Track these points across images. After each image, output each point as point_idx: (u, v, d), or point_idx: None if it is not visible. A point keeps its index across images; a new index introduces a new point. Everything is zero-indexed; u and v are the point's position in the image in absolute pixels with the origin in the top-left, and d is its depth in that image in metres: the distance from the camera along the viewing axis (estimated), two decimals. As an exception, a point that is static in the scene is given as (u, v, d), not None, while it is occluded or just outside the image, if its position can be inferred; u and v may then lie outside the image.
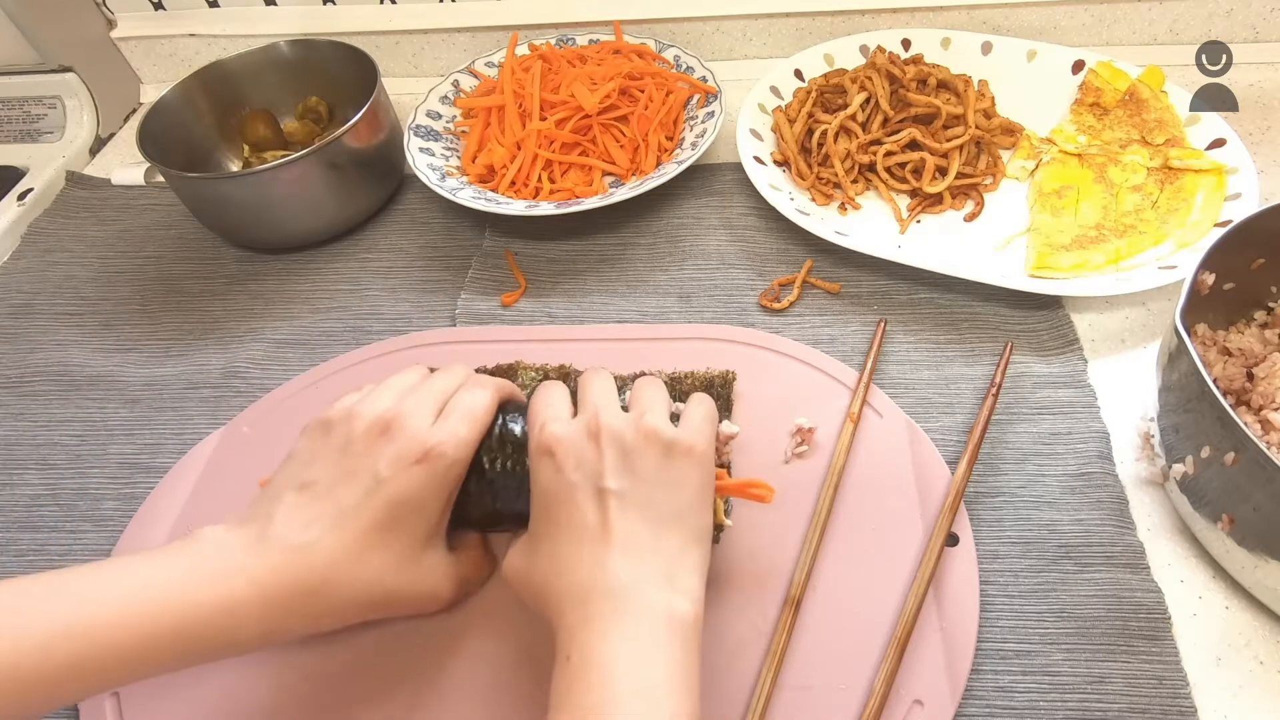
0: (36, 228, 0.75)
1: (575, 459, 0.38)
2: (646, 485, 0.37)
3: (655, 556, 0.36)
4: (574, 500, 0.37)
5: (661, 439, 0.38)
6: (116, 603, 0.33)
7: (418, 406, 0.41)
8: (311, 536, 0.37)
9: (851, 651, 0.42)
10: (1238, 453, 0.39)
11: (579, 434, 0.39)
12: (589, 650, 0.34)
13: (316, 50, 0.75)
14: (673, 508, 0.38)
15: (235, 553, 0.36)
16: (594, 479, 0.37)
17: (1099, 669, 0.42)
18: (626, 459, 0.38)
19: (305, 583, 0.36)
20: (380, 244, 0.70)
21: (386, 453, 0.39)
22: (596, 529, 0.37)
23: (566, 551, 0.37)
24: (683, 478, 0.38)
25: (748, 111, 0.71)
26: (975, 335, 0.58)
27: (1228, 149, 0.64)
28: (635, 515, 0.37)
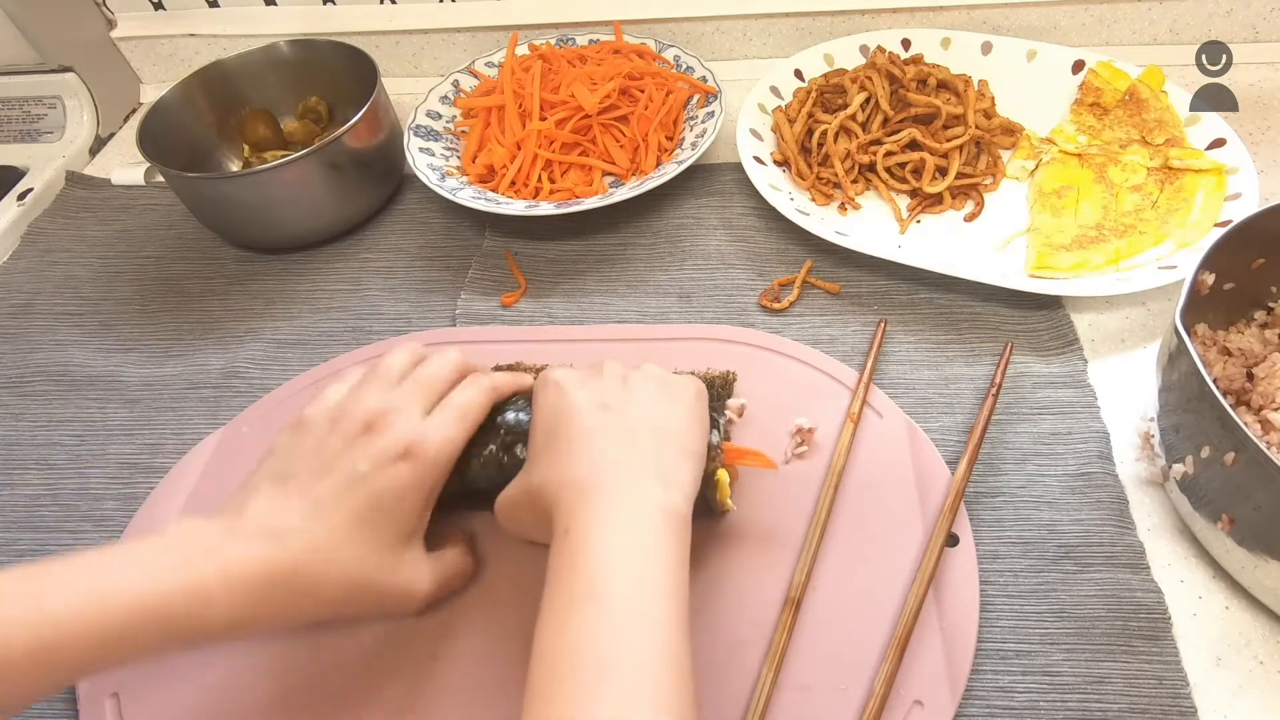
0: (36, 228, 0.75)
1: (579, 383, 0.41)
2: (644, 405, 0.41)
3: (651, 457, 0.39)
4: (576, 411, 0.40)
5: (659, 377, 0.43)
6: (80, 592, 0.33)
7: (405, 402, 0.41)
8: (284, 526, 0.37)
9: (851, 651, 0.42)
10: (1238, 453, 0.39)
11: (583, 372, 0.43)
12: (586, 527, 0.36)
13: (316, 50, 0.75)
14: (669, 424, 0.40)
15: (205, 541, 0.36)
16: (597, 397, 0.41)
17: (1099, 669, 0.42)
18: (625, 384, 0.42)
19: (275, 572, 0.36)
20: (380, 244, 0.70)
21: (369, 449, 0.39)
22: (597, 429, 0.39)
23: (567, 452, 0.39)
24: (678, 402, 0.42)
25: (748, 111, 0.71)
26: (975, 335, 0.58)
27: (1228, 149, 0.64)
28: (633, 424, 0.40)
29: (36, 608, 0.32)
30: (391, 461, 0.39)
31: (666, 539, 0.36)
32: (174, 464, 0.55)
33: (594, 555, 0.35)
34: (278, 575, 0.36)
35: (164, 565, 0.34)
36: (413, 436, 0.40)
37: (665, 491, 0.38)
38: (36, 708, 0.45)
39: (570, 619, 0.33)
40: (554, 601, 0.34)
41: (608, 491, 0.37)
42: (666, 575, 0.35)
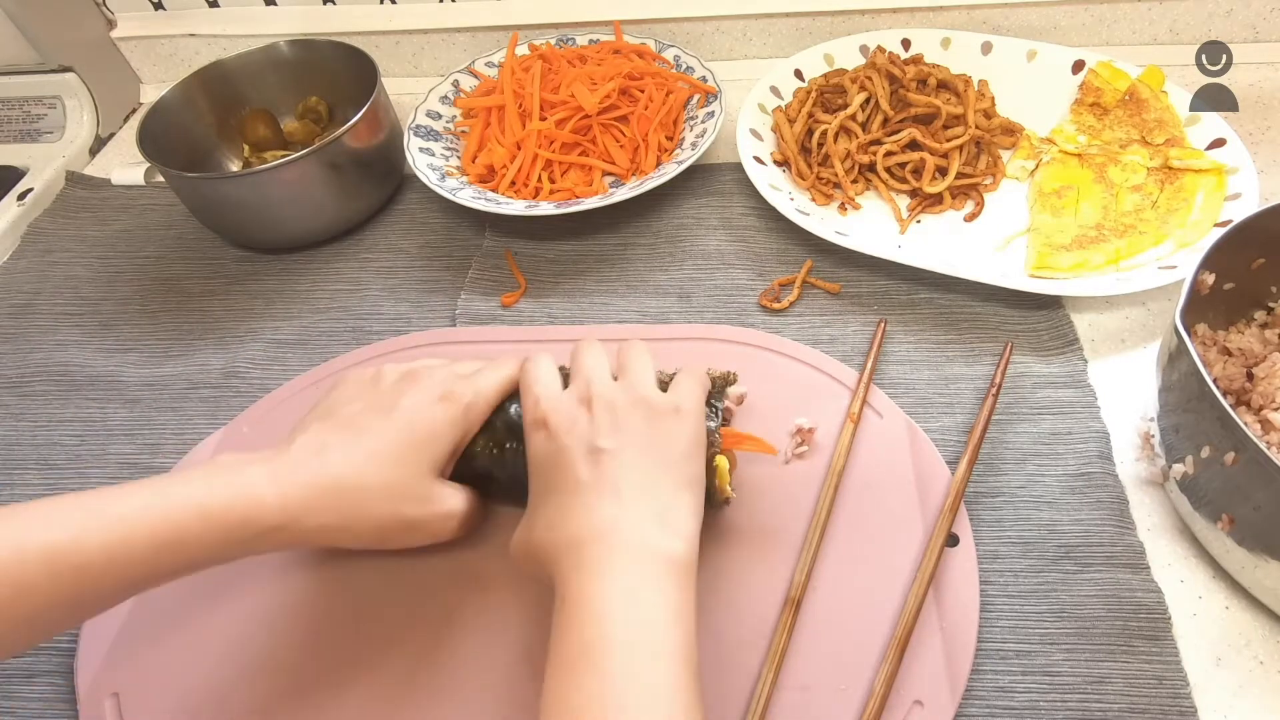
0: (36, 228, 0.75)
1: (568, 426, 0.40)
2: (637, 442, 0.39)
3: (647, 501, 0.38)
4: (567, 461, 0.39)
5: (650, 403, 0.41)
6: (143, 499, 0.35)
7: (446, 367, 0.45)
8: (332, 445, 0.40)
9: (851, 652, 0.42)
10: (1238, 453, 0.39)
11: (571, 404, 0.41)
12: (582, 591, 0.35)
13: (316, 50, 0.75)
14: (664, 459, 0.39)
15: (253, 460, 0.39)
16: (587, 440, 0.39)
17: (1099, 669, 0.42)
18: (616, 421, 0.40)
19: (320, 481, 0.39)
20: (380, 244, 0.70)
21: (410, 390, 0.42)
22: (589, 482, 0.38)
23: (561, 506, 0.38)
24: (672, 434, 0.40)
25: (748, 111, 0.71)
26: (975, 335, 0.58)
27: (1228, 149, 0.64)
28: (627, 467, 0.38)
29: (106, 511, 0.34)
30: (431, 401, 0.42)
31: (668, 591, 0.36)
32: (174, 464, 0.55)
33: (592, 621, 0.34)
34: (323, 483, 0.39)
35: (217, 477, 0.37)
36: (450, 385, 0.43)
37: (664, 539, 0.37)
38: (37, 707, 0.45)
39: (571, 688, 0.33)
40: (556, 668, 0.34)
41: (603, 552, 0.36)
42: (669, 631, 0.34)
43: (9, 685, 0.46)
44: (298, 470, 0.39)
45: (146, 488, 0.36)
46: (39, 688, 0.46)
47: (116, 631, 0.46)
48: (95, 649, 0.46)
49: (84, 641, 0.46)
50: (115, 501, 0.35)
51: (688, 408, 0.41)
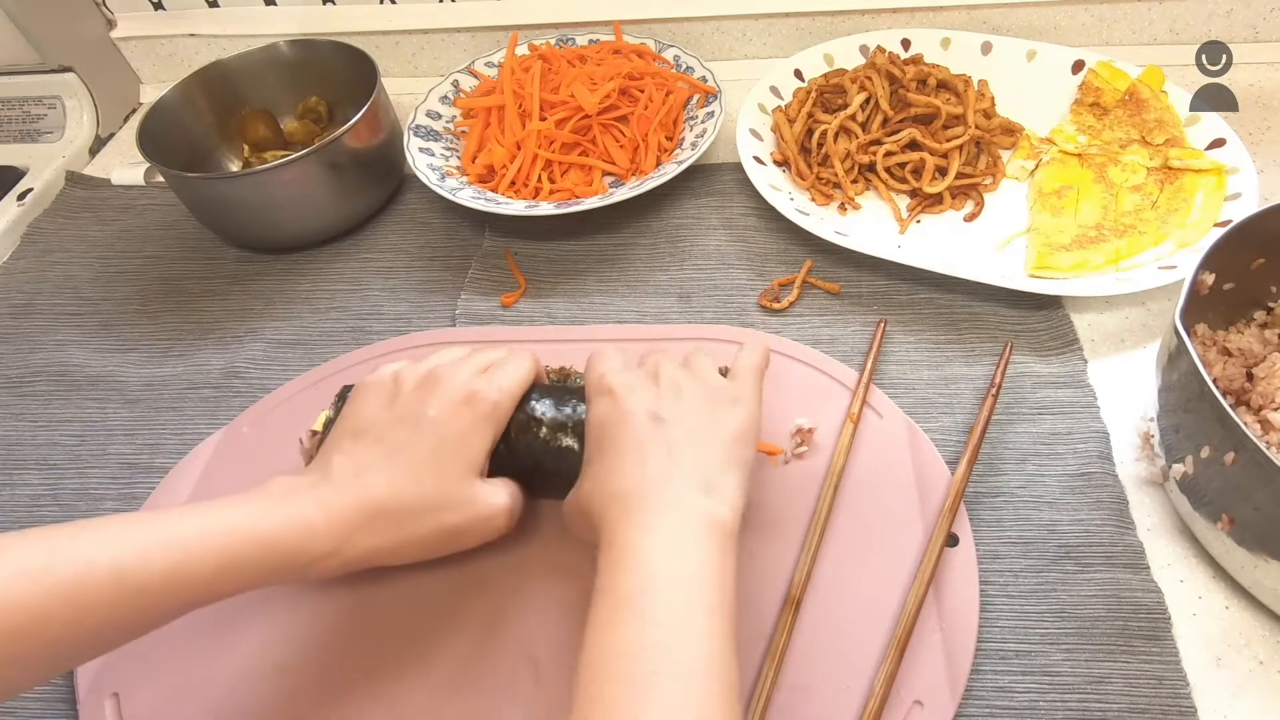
0: (36, 228, 0.75)
1: (633, 392, 0.42)
2: (695, 418, 0.41)
3: (697, 468, 0.39)
4: (628, 423, 0.40)
5: (713, 388, 0.43)
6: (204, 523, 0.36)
7: (463, 365, 0.45)
8: (370, 467, 0.40)
9: (851, 652, 0.42)
10: (1237, 453, 0.39)
11: (639, 377, 0.43)
12: (628, 538, 0.37)
13: (316, 50, 0.75)
14: (718, 437, 0.41)
15: (301, 486, 0.40)
16: (649, 407, 0.41)
17: (1099, 669, 0.42)
18: (679, 396, 0.42)
19: (366, 505, 0.39)
20: (380, 244, 0.70)
21: (434, 397, 0.42)
22: (645, 441, 0.40)
23: (615, 462, 0.40)
24: (729, 418, 0.42)
25: (748, 111, 0.71)
26: (975, 335, 0.58)
27: (1228, 149, 0.64)
28: (682, 435, 0.40)
29: (169, 535, 0.35)
30: (456, 407, 0.42)
31: (710, 551, 0.36)
32: (174, 464, 0.55)
33: (637, 568, 0.35)
34: (368, 507, 0.39)
35: (270, 506, 0.38)
36: (473, 386, 0.43)
37: (710, 503, 0.38)
38: (37, 707, 0.45)
39: (614, 631, 0.34)
40: (599, 613, 0.35)
41: (651, 505, 0.37)
42: (710, 588, 0.35)
43: (9, 685, 0.46)
44: (344, 496, 0.39)
45: (206, 513, 0.37)
46: (39, 688, 0.46)
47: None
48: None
49: (84, 641, 0.46)
50: (178, 523, 0.36)
51: (746, 397, 0.43)
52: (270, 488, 0.40)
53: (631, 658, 0.32)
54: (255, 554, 0.36)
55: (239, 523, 0.37)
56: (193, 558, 0.35)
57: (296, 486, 0.40)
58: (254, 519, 0.37)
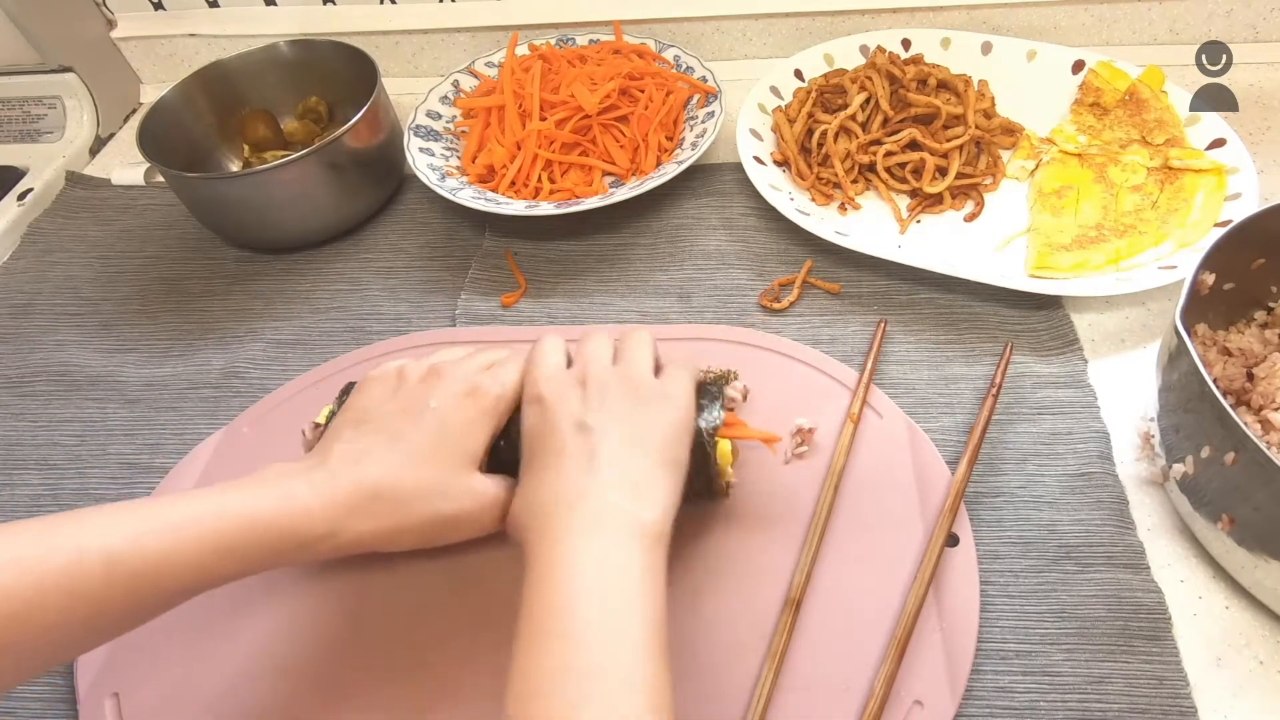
0: (36, 228, 0.75)
1: (561, 400, 0.41)
2: (622, 420, 0.40)
3: (623, 472, 0.38)
4: (554, 434, 0.40)
5: (641, 385, 0.42)
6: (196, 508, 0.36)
7: (467, 362, 0.45)
8: (368, 452, 0.41)
9: (851, 652, 0.42)
10: (1238, 453, 0.39)
11: (567, 382, 0.42)
12: (548, 556, 0.36)
13: (316, 50, 0.75)
14: (647, 438, 0.40)
15: (298, 471, 0.40)
16: (575, 415, 0.40)
17: (1099, 669, 0.42)
18: (607, 401, 0.41)
19: (361, 488, 0.39)
20: (380, 244, 0.70)
21: (437, 389, 0.43)
22: (568, 453, 0.39)
23: (539, 477, 0.40)
24: (658, 416, 0.41)
25: (748, 111, 0.71)
26: (975, 335, 0.58)
27: (1228, 149, 0.64)
28: (608, 441, 0.39)
29: (161, 520, 0.35)
30: (458, 399, 0.42)
31: (634, 554, 0.36)
32: (174, 464, 0.55)
33: (558, 587, 0.35)
34: (364, 491, 0.39)
35: (264, 489, 0.38)
36: (475, 379, 0.43)
37: (636, 507, 0.37)
38: (37, 706, 0.45)
39: (538, 656, 0.33)
40: (523, 636, 0.34)
41: (571, 518, 0.37)
42: (635, 598, 0.35)
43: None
44: (339, 479, 0.39)
45: (198, 498, 0.37)
46: (39, 687, 0.46)
47: (116, 631, 0.46)
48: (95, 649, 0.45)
49: (84, 641, 0.46)
50: (169, 508, 0.36)
51: (676, 394, 0.42)
52: (266, 473, 0.40)
53: (555, 688, 0.32)
54: (249, 536, 0.36)
55: (233, 506, 0.37)
56: (185, 541, 0.35)
57: (293, 471, 0.40)
58: (248, 502, 0.37)
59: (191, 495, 0.38)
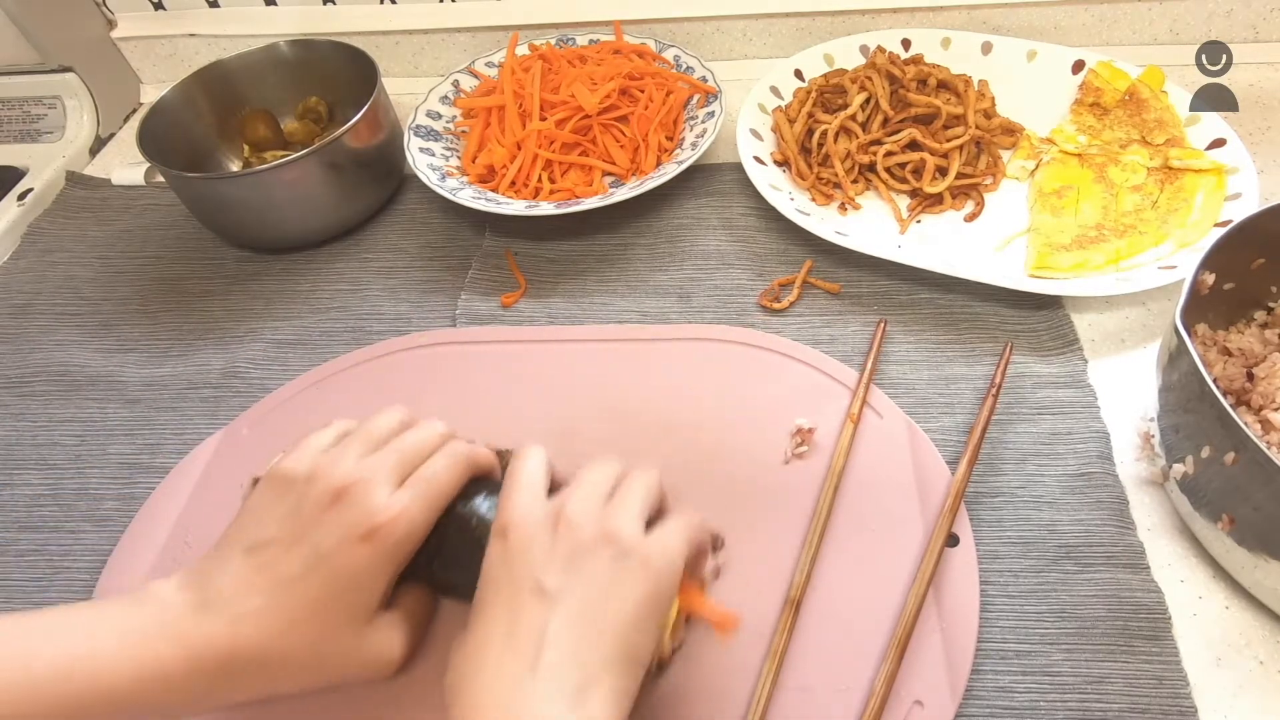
0: (36, 228, 0.75)
1: (526, 545, 0.36)
2: (587, 589, 0.35)
3: (568, 671, 0.33)
4: (509, 590, 0.35)
5: (620, 543, 0.36)
6: (47, 667, 0.33)
7: (378, 470, 0.39)
8: (250, 606, 0.36)
9: (851, 652, 0.42)
10: (1238, 453, 0.39)
11: (541, 519, 0.37)
12: None
13: (316, 50, 0.75)
14: (609, 618, 0.34)
15: (175, 618, 0.36)
16: (536, 571, 0.35)
17: (1099, 669, 0.42)
18: (576, 557, 0.35)
19: (236, 657, 0.36)
20: (380, 244, 0.70)
21: (334, 524, 0.37)
22: (516, 630, 0.34)
23: (474, 648, 0.35)
24: (631, 587, 0.35)
25: (748, 111, 0.71)
26: (975, 335, 0.58)
27: (1228, 149, 0.64)
28: (563, 619, 0.34)
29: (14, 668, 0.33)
30: (353, 543, 0.37)
31: None
32: (174, 464, 0.55)
33: None
34: (239, 659, 0.36)
35: (128, 645, 0.35)
36: (377, 517, 0.37)
37: (574, 712, 0.32)
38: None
39: None
40: None
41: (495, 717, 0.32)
42: None
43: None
44: (213, 640, 0.35)
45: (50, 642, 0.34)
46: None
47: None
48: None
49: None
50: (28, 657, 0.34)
51: (659, 561, 0.35)
52: (144, 610, 0.36)
53: None
54: (99, 703, 0.33)
55: (82, 669, 0.33)
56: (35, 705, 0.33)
57: (169, 620, 0.36)
58: (105, 661, 0.34)
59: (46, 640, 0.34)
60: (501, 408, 0.55)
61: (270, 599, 0.36)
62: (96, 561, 0.51)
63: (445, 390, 0.57)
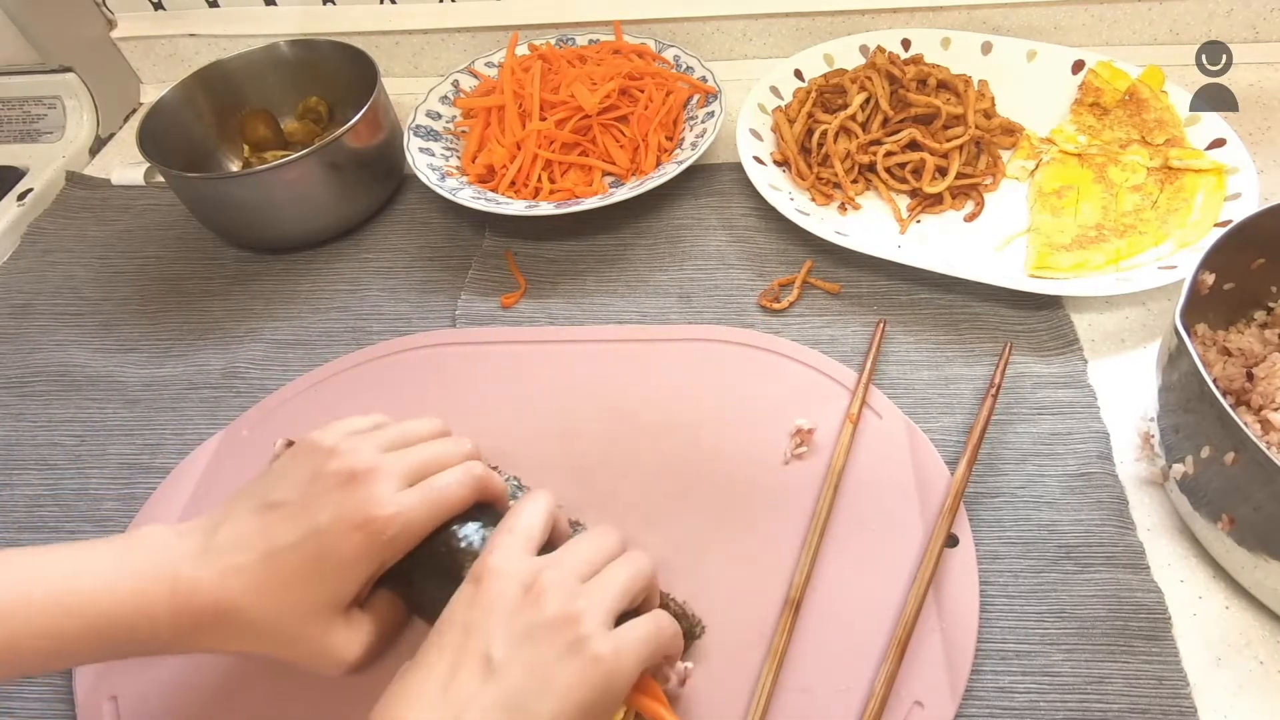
0: (36, 228, 0.75)
1: (493, 600, 0.35)
2: (529, 673, 0.33)
3: None
4: (460, 641, 0.35)
5: (578, 630, 0.34)
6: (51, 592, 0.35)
7: (393, 467, 0.39)
8: (239, 562, 0.37)
9: (851, 653, 0.42)
10: (1238, 453, 0.39)
11: (516, 576, 0.36)
12: None
13: (316, 50, 0.75)
14: (540, 711, 0.33)
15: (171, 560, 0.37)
16: (490, 634, 0.34)
17: (1099, 669, 0.42)
18: (533, 631, 0.34)
19: (219, 608, 0.36)
20: (380, 244, 0.70)
21: (336, 505, 0.38)
22: (451, 686, 0.33)
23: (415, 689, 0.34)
24: (571, 683, 0.33)
25: (748, 111, 0.71)
26: (975, 335, 0.58)
27: (1228, 149, 0.64)
28: (495, 696, 0.33)
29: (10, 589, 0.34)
30: (347, 528, 0.37)
31: None
32: (174, 464, 0.55)
33: None
34: (220, 610, 0.36)
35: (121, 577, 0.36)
36: (375, 509, 0.38)
37: None
38: (37, 707, 0.45)
39: None
40: None
41: None
42: None
43: (9, 686, 0.46)
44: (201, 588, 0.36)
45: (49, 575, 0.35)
46: (38, 688, 0.46)
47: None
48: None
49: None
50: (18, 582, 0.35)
51: (610, 664, 0.34)
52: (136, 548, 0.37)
53: None
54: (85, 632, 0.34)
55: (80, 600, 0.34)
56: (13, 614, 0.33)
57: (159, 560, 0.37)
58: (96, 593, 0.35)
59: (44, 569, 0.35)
60: (501, 408, 0.55)
61: (258, 560, 0.37)
62: (96, 562, 0.51)
63: (445, 391, 0.57)
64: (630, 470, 0.51)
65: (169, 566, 0.37)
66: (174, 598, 0.36)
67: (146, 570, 0.36)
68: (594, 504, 0.49)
